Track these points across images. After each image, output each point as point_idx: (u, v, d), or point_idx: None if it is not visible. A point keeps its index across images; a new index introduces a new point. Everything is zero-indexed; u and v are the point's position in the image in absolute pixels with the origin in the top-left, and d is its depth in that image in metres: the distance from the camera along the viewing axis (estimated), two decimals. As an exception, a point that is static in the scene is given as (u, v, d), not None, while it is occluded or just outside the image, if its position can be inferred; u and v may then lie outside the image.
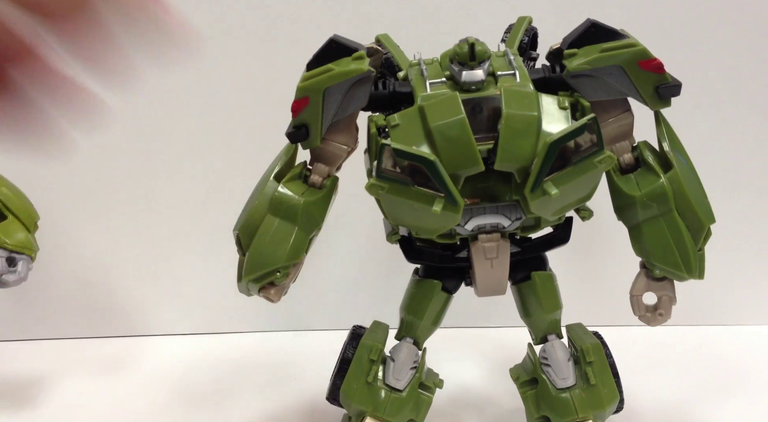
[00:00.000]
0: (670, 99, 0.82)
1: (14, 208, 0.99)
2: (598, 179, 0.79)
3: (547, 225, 0.85)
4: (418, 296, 0.89)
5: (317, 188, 0.85)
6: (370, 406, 0.87)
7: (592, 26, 0.81)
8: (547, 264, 0.90)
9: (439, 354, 0.99)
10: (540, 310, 0.89)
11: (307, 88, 0.80)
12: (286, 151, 0.86)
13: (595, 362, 0.88)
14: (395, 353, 0.90)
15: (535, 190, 0.76)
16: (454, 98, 0.76)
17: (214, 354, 1.26)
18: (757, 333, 1.28)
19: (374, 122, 0.82)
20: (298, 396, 1.11)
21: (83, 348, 1.29)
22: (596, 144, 0.76)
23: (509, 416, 1.05)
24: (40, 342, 1.31)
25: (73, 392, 1.15)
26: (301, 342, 1.30)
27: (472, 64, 0.78)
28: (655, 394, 1.09)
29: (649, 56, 0.80)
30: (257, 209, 0.84)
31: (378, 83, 0.83)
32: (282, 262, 0.83)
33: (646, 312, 0.88)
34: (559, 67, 0.82)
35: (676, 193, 0.82)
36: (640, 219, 0.84)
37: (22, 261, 0.98)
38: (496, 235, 0.83)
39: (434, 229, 0.81)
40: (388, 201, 0.78)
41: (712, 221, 0.83)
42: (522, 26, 0.88)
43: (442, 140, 0.75)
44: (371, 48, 0.85)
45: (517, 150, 0.75)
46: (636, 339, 1.18)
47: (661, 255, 0.84)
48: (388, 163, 0.76)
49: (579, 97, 0.81)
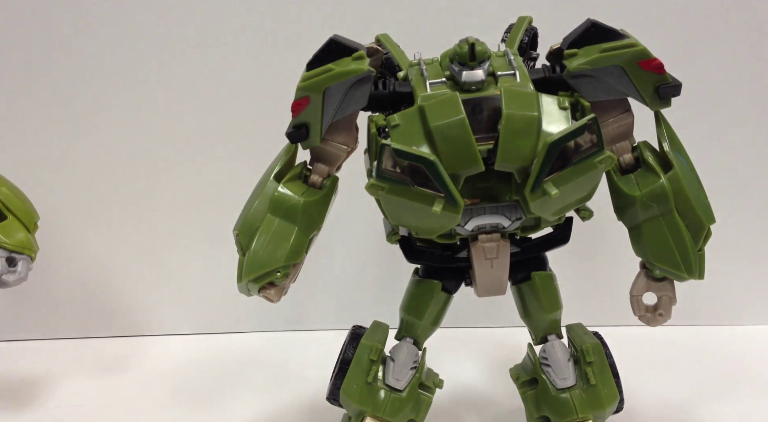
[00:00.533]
0: (670, 99, 0.82)
1: (14, 208, 0.99)
2: (598, 179, 0.79)
3: (547, 225, 0.85)
4: (418, 297, 0.89)
5: (317, 188, 0.85)
6: (370, 406, 0.87)
7: (592, 26, 0.81)
8: (547, 264, 0.90)
9: (439, 354, 0.99)
10: (540, 310, 0.89)
11: (307, 88, 0.80)
12: (286, 151, 0.86)
13: (595, 362, 0.88)
14: (395, 353, 0.90)
15: (535, 190, 0.75)
16: (455, 98, 0.76)
17: (214, 354, 1.27)
18: (757, 333, 1.29)
19: (374, 122, 0.82)
20: (298, 396, 1.11)
21: (83, 348, 1.29)
22: (596, 144, 0.76)
23: (509, 416, 1.05)
24: (40, 342, 1.31)
25: (73, 392, 1.15)
26: (301, 342, 1.30)
27: (473, 64, 0.78)
28: (655, 394, 1.09)
29: (650, 56, 0.80)
30: (257, 209, 0.84)
31: (378, 83, 0.83)
32: (282, 262, 0.83)
33: (646, 312, 0.88)
34: (559, 67, 0.82)
35: (676, 193, 0.82)
36: (640, 219, 0.84)
37: (22, 261, 0.98)
38: (496, 235, 0.83)
39: (434, 229, 0.81)
40: (388, 201, 0.78)
41: (712, 221, 0.83)
42: (522, 26, 0.88)
43: (442, 140, 0.75)
44: (371, 48, 0.85)
45: (517, 150, 0.75)
46: (636, 339, 1.18)
47: (661, 255, 0.84)
48: (388, 163, 0.76)
49: (579, 97, 0.81)
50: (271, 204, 0.84)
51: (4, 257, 0.97)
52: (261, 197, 0.84)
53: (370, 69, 0.80)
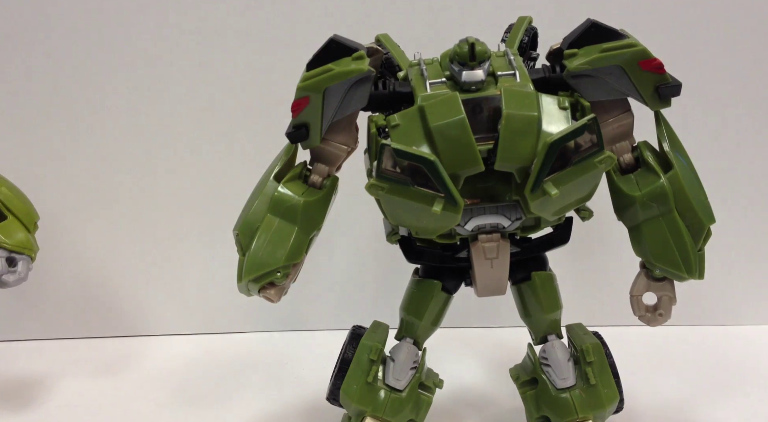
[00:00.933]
0: (670, 99, 0.82)
1: (14, 208, 0.99)
2: (598, 179, 0.79)
3: (547, 225, 0.85)
4: (418, 297, 0.89)
5: (317, 188, 0.85)
6: (370, 406, 0.87)
7: (592, 26, 0.81)
8: (547, 264, 0.90)
9: (439, 354, 0.99)
10: (540, 310, 0.89)
11: (308, 88, 0.80)
12: (286, 151, 0.86)
13: (595, 362, 0.88)
14: (395, 353, 0.90)
15: (535, 190, 0.75)
16: (455, 98, 0.76)
17: (214, 354, 1.26)
18: (757, 333, 1.28)
19: (374, 122, 0.81)
20: (298, 396, 1.11)
21: (83, 348, 1.29)
22: (596, 144, 0.76)
23: (509, 416, 1.05)
24: (40, 342, 1.31)
25: (73, 392, 1.15)
26: (301, 342, 1.30)
27: (473, 64, 0.78)
28: (655, 394, 1.09)
29: (650, 56, 0.80)
30: (257, 209, 0.84)
31: (378, 83, 0.83)
32: (282, 262, 0.83)
33: (646, 312, 0.88)
34: (560, 67, 0.82)
35: (676, 193, 0.82)
36: (640, 219, 0.84)
37: (22, 261, 0.98)
38: (496, 235, 0.83)
39: (434, 229, 0.81)
40: (388, 201, 0.78)
41: (712, 221, 0.83)
42: (522, 26, 0.88)
43: (442, 140, 0.75)
44: (371, 48, 0.85)
45: (517, 150, 0.75)
46: (636, 339, 1.18)
47: (661, 255, 0.84)
48: (388, 163, 0.76)
49: (579, 97, 0.81)
50: (271, 204, 0.84)
51: (4, 257, 0.97)
52: (261, 197, 0.84)
53: (370, 69, 0.80)
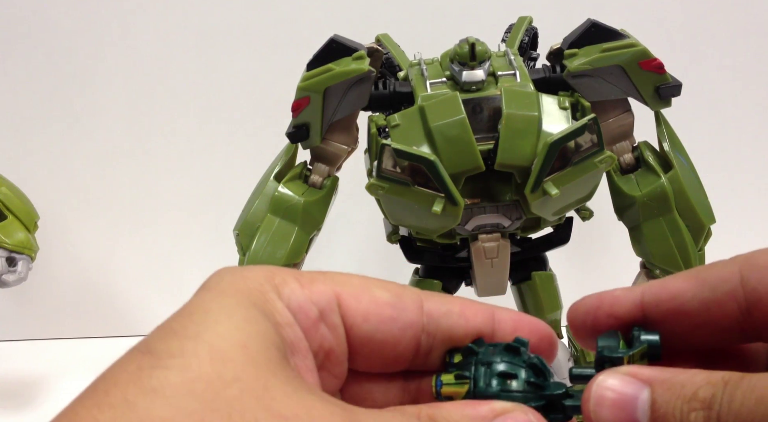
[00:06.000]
0: (670, 99, 0.82)
1: (14, 208, 0.99)
2: (598, 179, 0.79)
3: (547, 225, 0.85)
4: (418, 297, 0.89)
5: (317, 188, 0.85)
6: (370, 406, 0.87)
7: (592, 26, 0.81)
8: (548, 264, 0.90)
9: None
10: (540, 310, 0.89)
11: (308, 87, 0.80)
12: (286, 151, 0.86)
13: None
14: (395, 353, 0.89)
15: (535, 190, 0.75)
16: (455, 98, 0.76)
17: (214, 354, 1.26)
18: (757, 333, 1.28)
19: (374, 122, 0.81)
20: (298, 396, 1.11)
21: (83, 348, 1.29)
22: (597, 144, 0.76)
23: (509, 416, 1.04)
24: (40, 342, 1.31)
25: (73, 392, 1.14)
26: (301, 342, 1.29)
27: (473, 64, 0.78)
28: (655, 394, 1.09)
29: (650, 56, 0.80)
30: (257, 209, 0.84)
31: (378, 83, 0.83)
32: (282, 262, 0.83)
33: (646, 312, 0.88)
34: (560, 67, 0.82)
35: (677, 193, 0.82)
36: (641, 219, 0.84)
37: (22, 261, 0.98)
38: (496, 235, 0.83)
39: (434, 229, 0.81)
40: (388, 201, 0.78)
41: (713, 222, 0.83)
42: (522, 26, 0.88)
43: (443, 140, 0.75)
44: (371, 48, 0.85)
45: (518, 150, 0.75)
46: (636, 339, 1.18)
47: (661, 256, 0.84)
48: (389, 163, 0.76)
49: (579, 97, 0.81)
50: (272, 204, 0.84)
51: (4, 257, 0.97)
52: (261, 197, 0.84)
53: (370, 69, 0.80)
